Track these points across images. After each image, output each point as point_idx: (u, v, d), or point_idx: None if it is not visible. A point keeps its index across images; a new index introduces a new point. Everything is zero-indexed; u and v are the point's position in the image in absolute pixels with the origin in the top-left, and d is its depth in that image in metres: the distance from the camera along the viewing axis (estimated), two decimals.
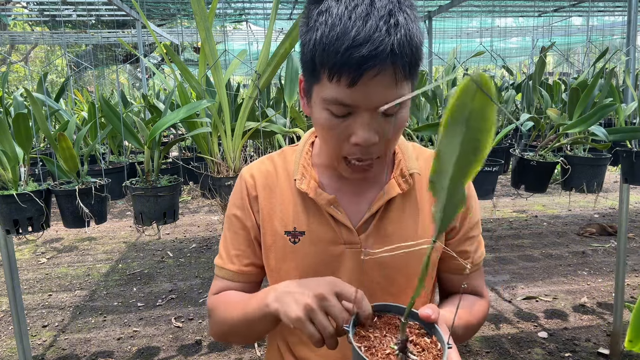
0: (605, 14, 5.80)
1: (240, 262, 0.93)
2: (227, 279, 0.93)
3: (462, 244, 0.92)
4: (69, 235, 4.74)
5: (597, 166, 2.19)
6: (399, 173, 0.88)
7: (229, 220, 0.95)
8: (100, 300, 3.30)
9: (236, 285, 0.93)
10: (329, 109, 0.73)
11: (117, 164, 2.48)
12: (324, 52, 0.69)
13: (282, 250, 0.89)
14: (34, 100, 1.80)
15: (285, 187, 0.91)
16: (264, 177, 0.92)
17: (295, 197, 0.89)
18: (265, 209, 0.91)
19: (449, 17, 5.44)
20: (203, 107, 1.83)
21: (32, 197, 1.77)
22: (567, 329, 2.74)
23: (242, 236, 0.93)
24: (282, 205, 0.90)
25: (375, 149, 0.75)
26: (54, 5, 4.45)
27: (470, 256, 0.93)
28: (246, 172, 0.95)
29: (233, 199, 0.95)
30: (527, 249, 4.06)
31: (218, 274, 0.95)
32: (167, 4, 4.41)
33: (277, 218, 0.90)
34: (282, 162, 0.94)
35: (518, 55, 9.96)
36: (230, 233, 0.94)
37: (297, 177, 0.88)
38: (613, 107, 2.00)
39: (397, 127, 0.76)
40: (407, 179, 0.87)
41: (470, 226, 0.92)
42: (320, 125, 0.76)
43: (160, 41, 2.99)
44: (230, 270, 0.93)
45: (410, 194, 0.88)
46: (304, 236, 0.87)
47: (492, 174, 2.15)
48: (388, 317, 0.68)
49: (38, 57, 14.73)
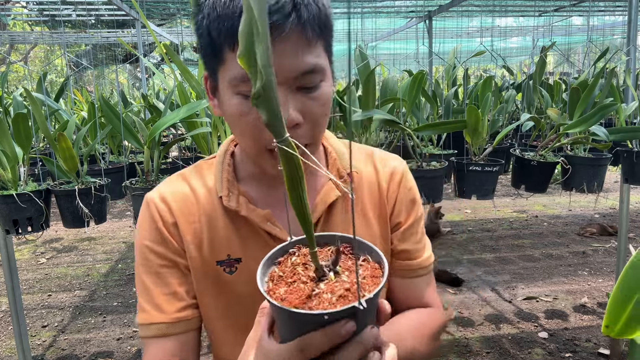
0: (605, 14, 5.80)
1: (172, 307, 0.74)
2: (158, 336, 0.73)
3: (406, 241, 0.82)
4: (68, 236, 4.73)
5: (597, 166, 2.18)
6: (335, 173, 0.80)
7: (144, 261, 0.76)
8: (100, 300, 3.30)
9: (172, 341, 0.73)
10: (238, 91, 0.64)
11: (116, 163, 2.48)
12: (219, 18, 0.62)
13: (216, 285, 0.75)
14: (34, 100, 1.79)
15: (208, 208, 0.76)
16: (180, 200, 0.77)
17: (223, 219, 0.75)
18: (188, 238, 0.75)
19: (449, 17, 5.43)
20: (203, 107, 1.83)
21: (32, 197, 1.77)
22: (568, 329, 2.74)
23: (168, 274, 0.75)
24: (210, 231, 0.75)
25: (301, 132, 0.65)
26: (54, 5, 4.44)
27: (417, 256, 0.83)
28: (155, 197, 0.77)
29: (144, 233, 0.76)
30: (527, 249, 4.06)
31: (145, 334, 0.74)
32: (166, 4, 4.40)
33: (204, 247, 0.75)
34: (199, 180, 0.79)
35: (518, 55, 9.96)
36: (151, 277, 0.75)
37: (222, 194, 0.75)
38: (613, 107, 2.00)
39: (321, 103, 0.66)
40: (344, 179, 0.79)
41: (417, 220, 0.84)
42: (233, 115, 0.66)
43: (160, 41, 2.98)
44: (160, 322, 0.73)
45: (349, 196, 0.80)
46: (241, 263, 0.75)
47: (492, 174, 2.15)
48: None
49: (37, 57, 14.73)
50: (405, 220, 0.82)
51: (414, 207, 0.84)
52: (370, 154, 0.85)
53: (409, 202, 0.84)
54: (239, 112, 0.65)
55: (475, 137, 2.16)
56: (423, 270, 0.84)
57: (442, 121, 2.27)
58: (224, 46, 0.63)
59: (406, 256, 0.83)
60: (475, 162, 2.17)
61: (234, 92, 0.65)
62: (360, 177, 0.82)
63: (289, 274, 0.52)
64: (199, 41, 0.68)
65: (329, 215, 0.78)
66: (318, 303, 0.47)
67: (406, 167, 0.86)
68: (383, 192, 0.82)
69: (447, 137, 2.69)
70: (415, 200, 0.85)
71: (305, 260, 0.54)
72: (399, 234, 0.82)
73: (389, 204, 0.82)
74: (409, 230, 0.83)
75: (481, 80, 2.60)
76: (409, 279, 0.84)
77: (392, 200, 0.82)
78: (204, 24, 0.65)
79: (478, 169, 2.12)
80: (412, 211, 0.84)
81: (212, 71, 0.69)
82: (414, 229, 0.83)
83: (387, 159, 0.85)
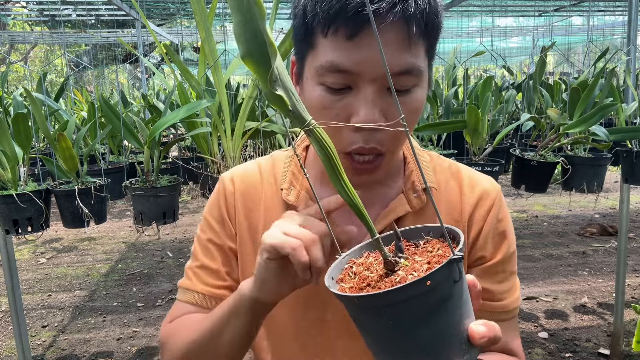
0: (605, 14, 5.80)
1: (212, 282, 0.75)
2: (192, 303, 0.75)
3: (489, 279, 0.70)
4: (68, 236, 4.73)
5: (597, 166, 2.18)
6: (410, 186, 0.71)
7: (201, 230, 0.78)
8: (100, 300, 3.30)
9: (204, 312, 0.74)
10: (323, 82, 0.59)
11: (116, 164, 2.48)
12: (317, 1, 0.56)
13: None
14: (34, 100, 1.79)
15: (270, 198, 0.75)
16: (247, 185, 0.76)
17: (280, 211, 0.72)
18: (244, 224, 0.74)
19: (449, 17, 5.43)
20: (203, 107, 1.83)
21: (32, 197, 1.77)
22: (568, 329, 2.74)
23: (217, 252, 0.76)
24: (266, 221, 0.73)
25: (379, 137, 0.60)
26: (54, 4, 4.45)
27: (501, 298, 0.71)
28: (227, 176, 0.78)
29: (210, 207, 0.78)
30: (527, 249, 4.06)
31: (181, 298, 0.76)
32: (166, 4, 4.40)
33: (258, 236, 0.73)
34: (270, 168, 0.77)
35: (518, 55, 9.96)
36: (202, 248, 0.77)
37: (284, 186, 0.72)
38: (614, 107, 2.00)
39: (410, 110, 0.60)
40: (419, 195, 0.70)
41: (507, 257, 0.71)
42: (314, 107, 0.61)
43: (160, 41, 2.98)
44: (198, 292, 0.75)
45: (424, 213, 0.70)
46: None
47: (493, 174, 2.15)
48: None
49: (37, 57, 14.73)
50: (491, 256, 0.71)
51: (503, 241, 0.72)
52: (457, 171, 0.75)
53: (498, 235, 0.72)
54: (321, 104, 0.60)
55: (475, 137, 2.16)
56: (506, 315, 0.72)
57: (442, 121, 2.27)
58: (317, 29, 0.58)
59: (488, 297, 0.71)
60: (475, 162, 2.17)
61: (319, 81, 0.60)
62: (439, 195, 0.72)
63: (360, 271, 0.49)
64: (293, 22, 0.62)
65: None
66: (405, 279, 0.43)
67: (500, 192, 0.74)
68: (465, 217, 0.71)
69: (447, 137, 2.69)
70: (505, 234, 0.72)
71: (368, 265, 0.50)
72: (480, 270, 0.71)
73: (471, 233, 0.71)
74: (494, 268, 0.71)
75: (481, 80, 2.60)
76: None
77: (476, 229, 0.71)
78: (301, 2, 0.59)
79: (478, 169, 2.11)
80: (501, 246, 0.72)
81: (300, 56, 0.63)
82: (500, 267, 0.71)
83: (476, 180, 0.74)
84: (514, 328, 0.74)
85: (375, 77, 0.57)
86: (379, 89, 0.58)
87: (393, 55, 0.56)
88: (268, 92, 0.40)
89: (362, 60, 0.56)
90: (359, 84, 0.58)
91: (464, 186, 0.73)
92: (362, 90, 0.58)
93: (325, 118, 0.60)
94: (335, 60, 0.57)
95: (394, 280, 0.44)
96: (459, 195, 0.72)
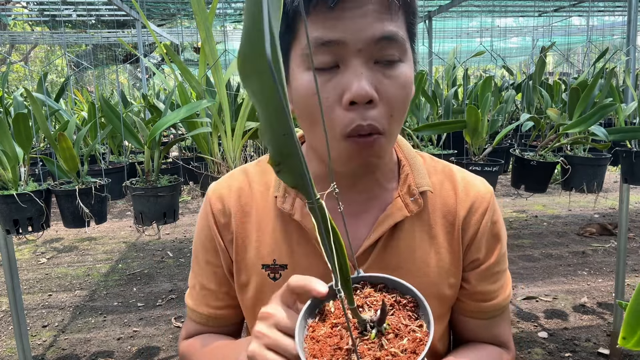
0: (605, 14, 5.80)
1: (213, 305, 0.77)
2: (198, 322, 0.78)
3: (483, 281, 0.72)
4: (68, 235, 4.74)
5: (597, 166, 2.19)
6: (406, 190, 0.69)
7: (195, 249, 0.78)
8: (100, 300, 3.30)
9: (211, 329, 0.78)
10: (310, 66, 0.58)
11: (117, 164, 2.48)
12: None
13: (259, 289, 0.71)
14: (34, 100, 1.80)
15: (262, 206, 0.72)
16: (236, 197, 0.73)
17: (274, 221, 0.70)
18: (240, 238, 0.72)
19: (449, 17, 5.44)
20: (203, 107, 1.83)
21: (32, 197, 1.77)
22: (567, 329, 2.74)
23: (211, 273, 0.75)
24: (259, 232, 0.71)
25: (374, 114, 0.58)
26: (54, 5, 4.45)
27: (494, 297, 0.73)
28: (213, 193, 0.75)
29: (199, 227, 0.77)
30: (527, 249, 4.06)
31: (190, 315, 0.80)
32: (167, 4, 4.41)
33: (252, 248, 0.71)
34: (260, 175, 0.74)
35: (518, 55, 9.96)
36: (198, 267, 0.77)
37: (278, 194, 0.69)
38: (613, 107, 2.00)
39: (399, 85, 0.59)
40: (416, 199, 0.69)
41: (498, 259, 0.73)
42: (303, 95, 0.59)
43: (160, 41, 2.99)
44: (202, 313, 0.77)
45: (421, 216, 0.70)
46: (286, 270, 0.69)
47: (492, 174, 2.15)
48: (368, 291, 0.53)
49: (38, 57, 14.73)
50: (484, 259, 0.72)
51: (497, 244, 0.73)
52: (450, 173, 0.75)
53: (492, 238, 0.72)
54: (311, 89, 0.57)
55: (475, 137, 2.16)
56: (497, 311, 0.74)
57: (442, 121, 2.28)
58: (297, 14, 0.58)
59: (481, 298, 0.73)
60: (475, 162, 2.17)
61: (306, 67, 0.58)
62: (435, 198, 0.71)
63: (328, 333, 0.49)
64: (282, 25, 0.60)
65: (391, 239, 0.69)
66: None
67: (493, 194, 0.75)
68: (459, 220, 0.71)
69: (447, 137, 2.69)
70: (499, 236, 0.73)
71: (331, 333, 0.49)
72: (475, 274, 0.72)
73: (466, 236, 0.71)
74: (488, 270, 0.72)
75: (481, 81, 2.60)
76: (480, 320, 0.74)
77: (471, 232, 0.71)
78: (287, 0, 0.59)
79: (478, 169, 2.13)
80: (495, 249, 0.72)
81: (285, 52, 0.62)
82: (494, 269, 0.72)
83: (470, 182, 0.74)
84: (505, 319, 0.76)
85: (361, 47, 0.56)
86: (367, 61, 0.57)
87: (374, 23, 0.56)
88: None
89: (346, 28, 0.56)
90: (345, 57, 0.57)
91: (459, 189, 0.73)
92: (350, 65, 0.57)
93: (315, 105, 0.58)
94: (319, 34, 0.56)
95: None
96: (454, 197, 0.72)
